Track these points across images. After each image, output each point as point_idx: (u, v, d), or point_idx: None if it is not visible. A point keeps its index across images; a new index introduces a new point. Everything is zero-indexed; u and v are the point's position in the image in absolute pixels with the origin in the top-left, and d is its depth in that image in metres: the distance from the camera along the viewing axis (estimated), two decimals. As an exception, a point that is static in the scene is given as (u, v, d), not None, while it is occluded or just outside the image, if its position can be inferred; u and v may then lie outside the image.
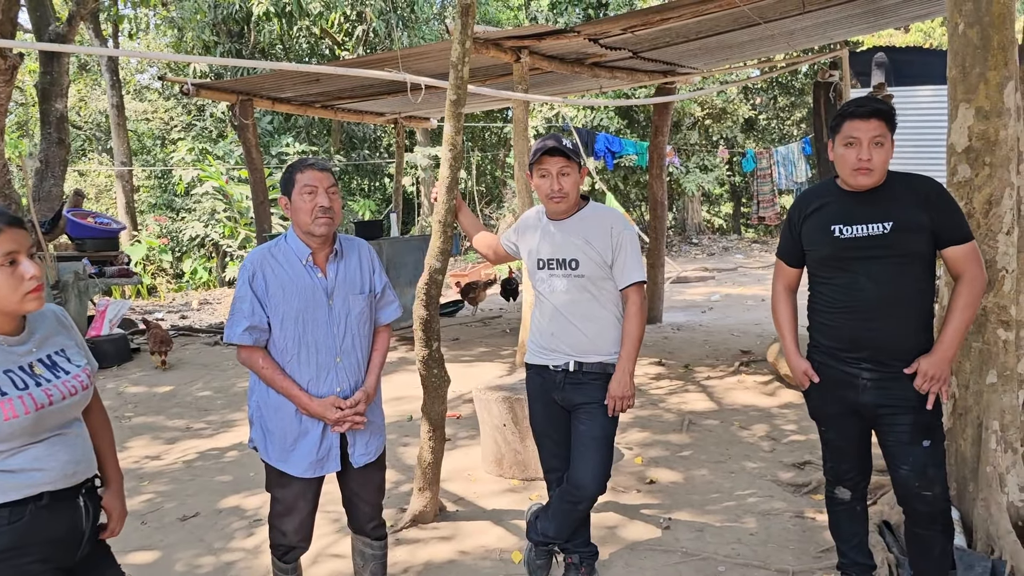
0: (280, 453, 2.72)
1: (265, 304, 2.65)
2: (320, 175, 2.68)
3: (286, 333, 2.66)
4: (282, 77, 7.84)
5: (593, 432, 3.05)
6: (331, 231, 2.71)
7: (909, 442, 2.68)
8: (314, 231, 2.67)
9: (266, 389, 2.72)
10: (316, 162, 2.73)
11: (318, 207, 2.65)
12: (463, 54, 3.33)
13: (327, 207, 2.66)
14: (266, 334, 2.67)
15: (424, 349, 3.71)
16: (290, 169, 2.72)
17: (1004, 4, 3.37)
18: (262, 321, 2.65)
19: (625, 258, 3.01)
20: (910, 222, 2.62)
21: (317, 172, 2.68)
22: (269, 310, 2.65)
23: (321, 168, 2.70)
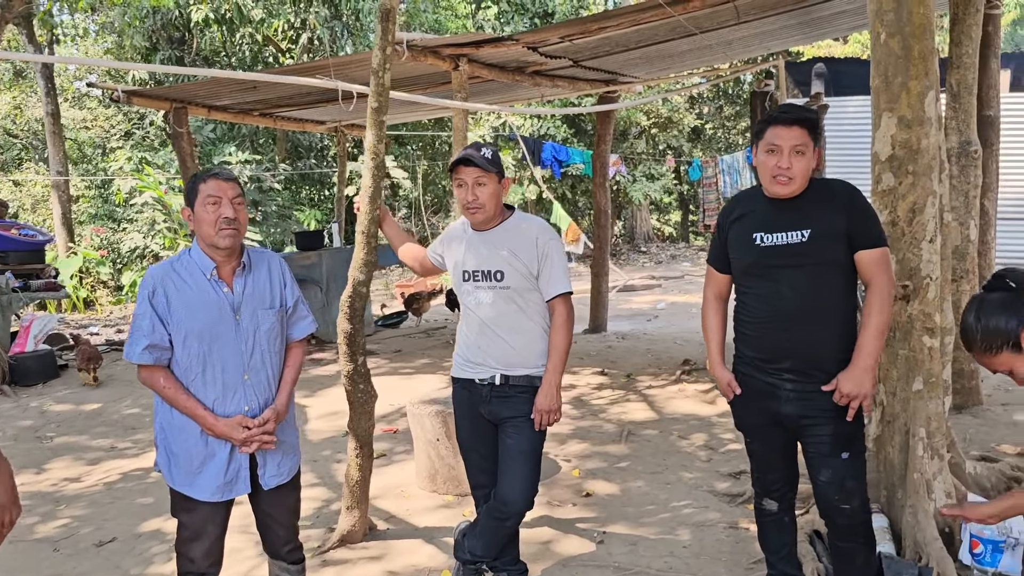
0: (185, 476, 2.60)
1: (166, 321, 2.53)
2: (224, 185, 2.57)
3: (190, 351, 2.54)
4: (218, 84, 7.66)
5: (520, 446, 2.98)
6: (236, 243, 2.60)
7: (828, 453, 2.66)
8: (218, 243, 2.56)
9: (169, 410, 2.60)
10: (220, 172, 2.63)
11: (222, 218, 2.54)
12: (384, 60, 3.25)
13: (232, 218, 2.55)
14: (168, 352, 2.55)
15: (349, 364, 3.60)
16: (193, 179, 2.61)
17: (924, 15, 3.40)
18: (163, 339, 2.53)
19: (551, 269, 2.96)
20: (828, 229, 2.60)
21: (221, 182, 2.58)
22: (171, 327, 2.54)
23: (226, 178, 2.60)
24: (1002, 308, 1.98)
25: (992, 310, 2.00)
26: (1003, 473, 4.12)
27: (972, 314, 2.03)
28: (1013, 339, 1.95)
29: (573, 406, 6.17)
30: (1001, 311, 1.98)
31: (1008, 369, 2.01)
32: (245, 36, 15.70)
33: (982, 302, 2.03)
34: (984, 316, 2.01)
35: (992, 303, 2.01)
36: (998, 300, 2.00)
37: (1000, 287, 2.02)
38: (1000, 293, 2.02)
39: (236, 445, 2.59)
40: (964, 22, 5.14)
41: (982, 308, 2.02)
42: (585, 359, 7.81)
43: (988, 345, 2.00)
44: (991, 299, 2.02)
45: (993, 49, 6.56)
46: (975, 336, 2.02)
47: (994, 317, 1.98)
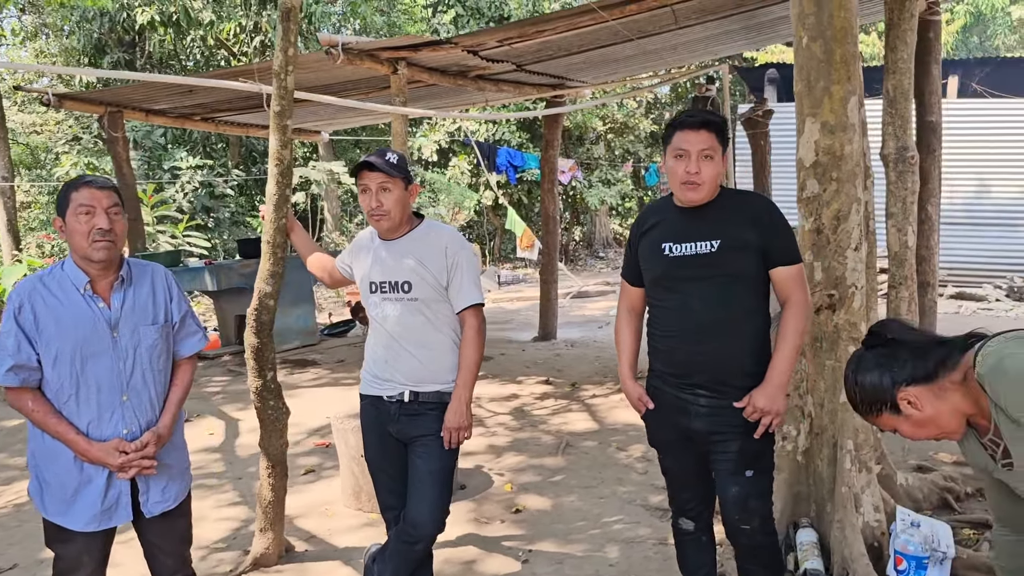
0: (59, 505, 2.42)
1: (34, 340, 2.36)
2: (99, 194, 2.40)
3: (61, 371, 2.37)
4: (153, 88, 7.44)
5: (430, 466, 2.84)
6: (112, 256, 2.43)
7: (733, 471, 2.56)
8: (91, 256, 2.39)
9: (40, 435, 2.42)
10: (95, 179, 2.45)
11: (95, 229, 2.37)
12: (286, 62, 3.09)
13: (106, 229, 2.38)
14: (36, 373, 2.37)
15: (257, 379, 3.44)
16: (66, 187, 2.44)
17: (845, 19, 3.33)
18: (30, 359, 2.35)
19: (461, 279, 2.83)
20: (737, 240, 2.51)
21: (95, 190, 2.40)
22: (40, 346, 2.36)
23: (100, 186, 2.42)
24: (877, 366, 1.86)
25: (867, 368, 1.87)
26: (935, 484, 4.07)
27: (850, 373, 1.91)
28: (891, 400, 1.84)
29: (513, 417, 6.05)
30: (876, 369, 1.85)
31: (889, 428, 1.89)
32: (196, 39, 15.39)
33: (859, 360, 1.90)
34: (860, 375, 1.88)
35: (868, 361, 1.88)
36: (874, 357, 1.88)
37: (877, 343, 1.89)
38: (877, 349, 1.89)
39: (114, 471, 2.42)
40: (899, 27, 5.11)
41: (859, 367, 1.89)
42: (531, 367, 7.69)
43: (868, 407, 1.88)
44: (867, 356, 1.89)
45: (934, 55, 6.57)
46: (855, 397, 1.90)
47: (870, 375, 1.86)
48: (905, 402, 1.84)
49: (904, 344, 1.89)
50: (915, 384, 1.84)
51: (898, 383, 1.84)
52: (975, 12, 17.65)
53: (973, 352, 1.82)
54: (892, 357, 1.86)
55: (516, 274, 16.00)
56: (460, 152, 17.30)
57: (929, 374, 1.84)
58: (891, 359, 1.86)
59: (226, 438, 5.82)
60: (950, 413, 1.85)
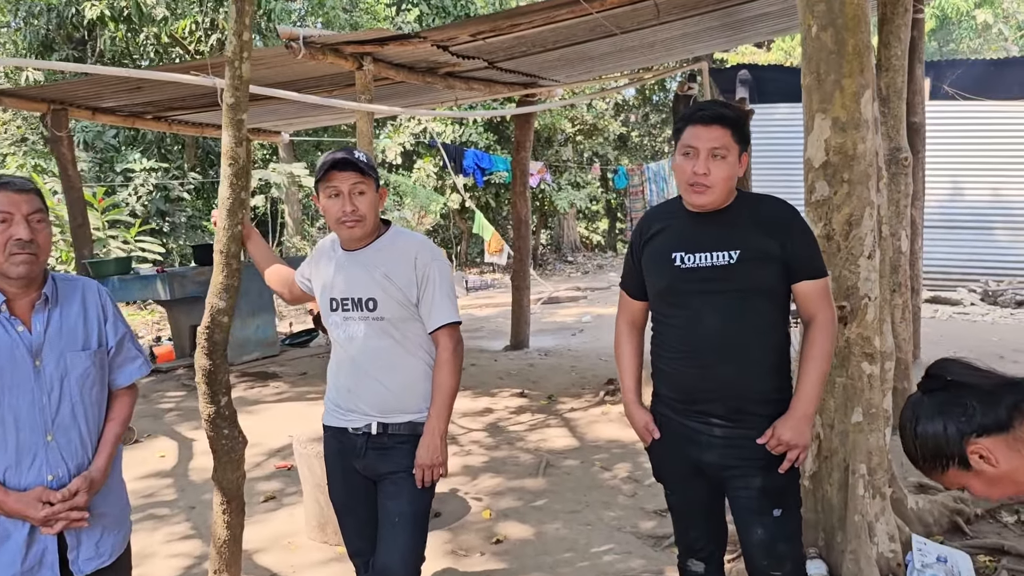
0: None
1: None
2: (17, 198, 2.01)
3: None
4: (99, 84, 6.96)
5: (401, 508, 2.49)
6: (34, 271, 2.04)
7: (757, 510, 2.26)
8: (8, 272, 2.00)
9: None
10: (13, 181, 2.05)
11: (13, 241, 1.98)
12: (240, 48, 2.72)
13: (27, 240, 2.00)
14: None
15: (210, 405, 3.04)
16: None
17: (858, 5, 3.05)
18: None
19: (433, 295, 2.47)
20: (758, 251, 2.20)
21: (12, 194, 2.01)
22: None
23: (19, 189, 2.03)
24: (939, 413, 1.55)
25: (928, 416, 1.57)
26: (945, 506, 3.81)
27: (907, 423, 1.61)
28: (959, 454, 1.53)
29: (489, 434, 5.70)
30: (938, 417, 1.55)
31: (958, 486, 1.59)
32: (150, 36, 14.81)
33: (917, 407, 1.60)
34: (921, 425, 1.57)
35: (927, 408, 1.58)
36: (934, 404, 1.57)
37: (936, 386, 1.58)
38: (937, 394, 1.58)
39: (37, 525, 2.03)
40: (893, 22, 4.87)
41: (917, 415, 1.59)
42: (505, 379, 7.35)
43: (931, 462, 1.57)
44: (926, 403, 1.58)
45: (918, 55, 6.38)
46: (914, 451, 1.60)
47: (931, 425, 1.55)
48: (976, 456, 1.53)
49: (969, 387, 1.56)
50: (987, 435, 1.52)
51: (967, 434, 1.53)
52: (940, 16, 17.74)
53: None
54: (957, 403, 1.55)
55: (484, 279, 15.65)
56: (426, 154, 16.91)
57: (1002, 423, 1.53)
58: (956, 405, 1.55)
59: (179, 461, 5.39)
60: (1012, 474, 1.53)
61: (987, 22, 17.25)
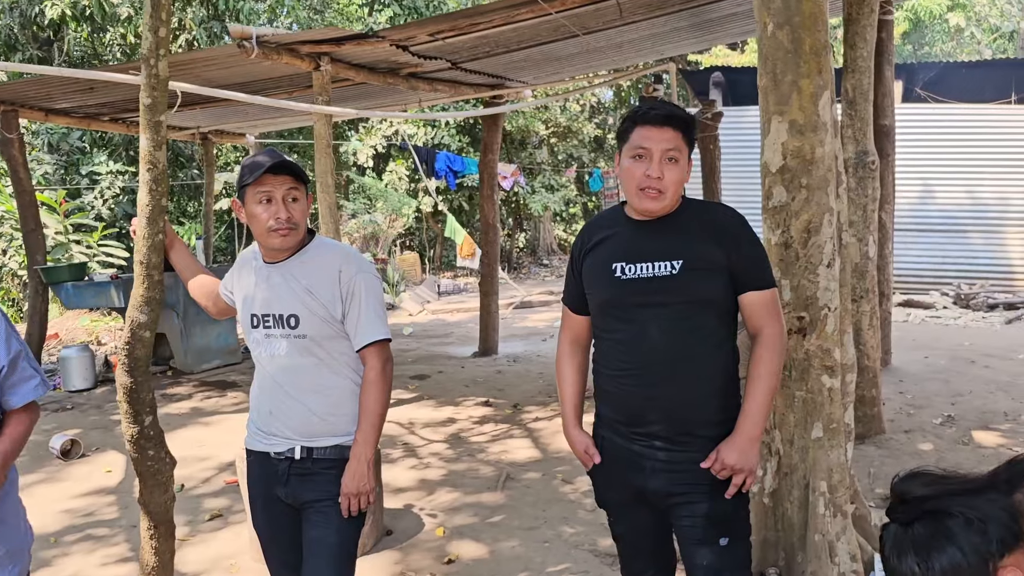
0: None
1: None
2: None
3: None
4: (47, 84, 6.74)
5: (326, 539, 2.32)
6: None
7: (703, 539, 2.11)
8: None
9: None
10: None
11: None
12: (156, 45, 2.54)
13: None
14: None
15: (133, 425, 2.87)
16: None
17: (816, 2, 2.92)
18: None
19: (359, 310, 2.31)
20: (703, 261, 2.06)
21: None
22: None
23: None
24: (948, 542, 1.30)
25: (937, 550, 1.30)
26: (911, 521, 3.69)
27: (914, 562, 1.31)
28: None
29: (449, 445, 5.53)
30: (949, 547, 1.29)
31: None
32: (116, 37, 14.51)
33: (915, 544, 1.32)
34: (936, 562, 1.29)
35: (929, 540, 1.31)
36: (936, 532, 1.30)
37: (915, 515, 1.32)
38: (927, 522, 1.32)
39: None
40: (859, 23, 4.77)
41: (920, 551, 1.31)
42: (471, 387, 7.18)
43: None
44: (923, 534, 1.32)
45: (887, 56, 6.30)
46: None
47: (944, 558, 1.30)
48: None
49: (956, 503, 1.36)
50: (1009, 551, 1.28)
51: (989, 555, 1.29)
52: (913, 19, 17.79)
53: None
54: (961, 525, 1.30)
55: (457, 283, 15.47)
56: (397, 157, 16.70)
57: (1016, 532, 1.29)
58: (961, 528, 1.30)
59: (125, 476, 5.17)
60: None
61: (959, 25, 17.34)
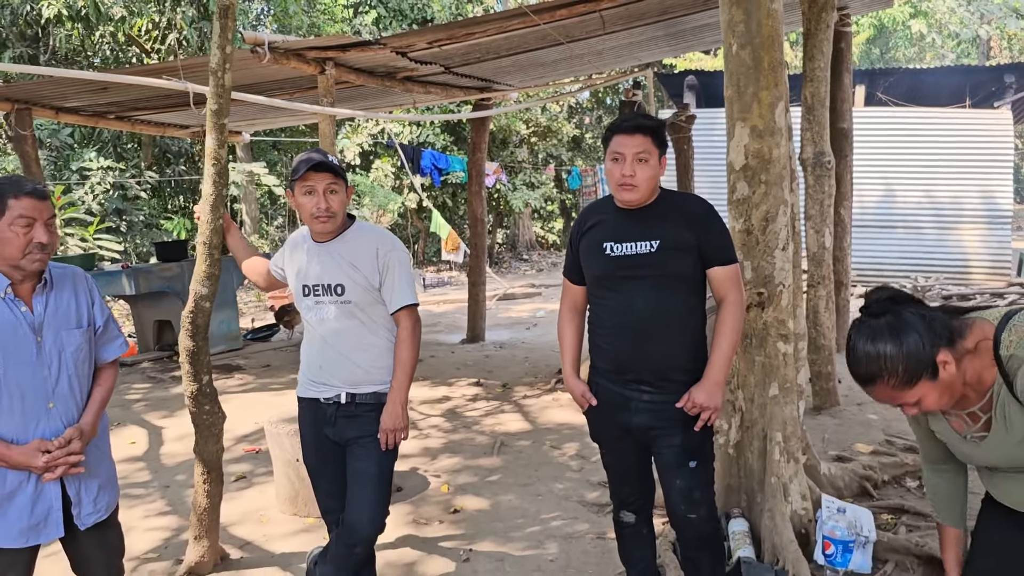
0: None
1: None
2: (40, 205, 2.29)
3: None
4: (64, 84, 7.12)
5: (368, 469, 2.83)
6: (43, 267, 2.35)
7: (676, 463, 2.64)
8: (25, 267, 2.29)
9: None
10: (36, 188, 2.32)
11: (34, 243, 2.27)
12: (223, 60, 3.04)
13: (45, 244, 2.29)
14: None
15: (193, 383, 3.36)
16: (0, 192, 2.29)
17: (772, 27, 3.47)
18: None
19: (393, 280, 2.82)
20: (676, 241, 2.59)
21: (36, 201, 2.28)
22: None
23: (41, 196, 2.31)
24: (912, 328, 1.75)
25: (905, 332, 1.75)
26: (855, 472, 4.26)
27: (885, 346, 1.77)
28: (932, 363, 1.74)
29: (446, 419, 6.05)
30: (914, 332, 1.75)
31: (916, 399, 1.80)
32: (105, 35, 14.82)
33: (889, 329, 1.78)
34: (903, 342, 1.75)
35: (898, 327, 1.76)
36: (903, 323, 1.77)
37: (884, 311, 1.80)
38: (896, 316, 1.79)
39: (39, 476, 2.31)
40: (816, 36, 5.34)
41: (894, 334, 1.76)
42: (462, 369, 7.70)
43: (910, 376, 1.76)
44: (894, 324, 1.77)
45: (846, 65, 6.89)
46: (896, 366, 1.75)
47: (911, 339, 1.74)
48: (943, 364, 1.75)
49: (914, 307, 1.81)
50: (947, 347, 1.76)
51: (937, 345, 1.74)
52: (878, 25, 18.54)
53: (993, 325, 1.80)
54: (921, 320, 1.77)
55: (441, 277, 15.97)
56: (383, 154, 17.16)
57: (951, 337, 1.78)
58: (920, 321, 1.77)
59: (150, 447, 5.64)
60: (959, 379, 1.81)
61: (922, 32, 18.13)
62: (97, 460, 2.47)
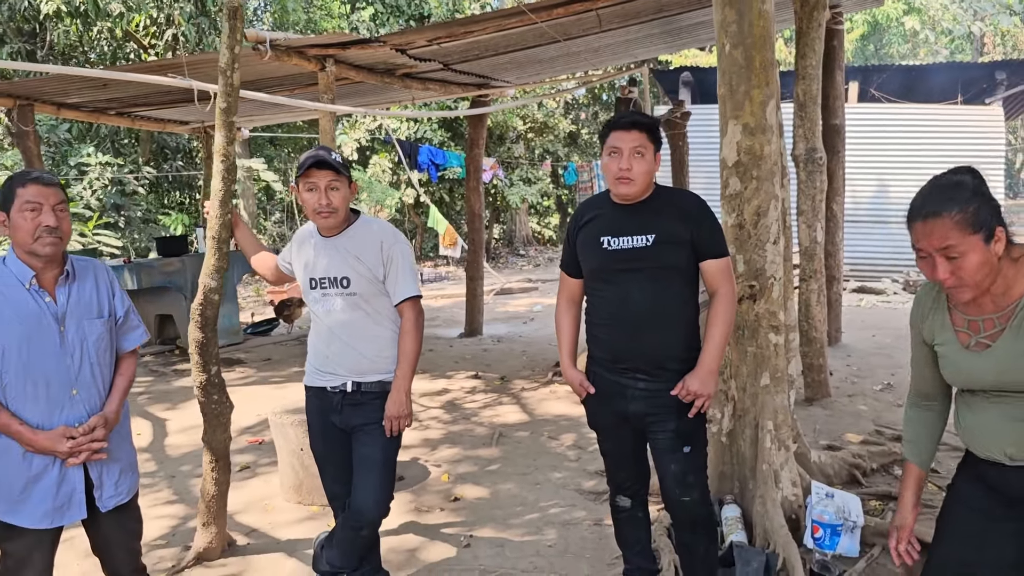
0: (7, 504, 2.39)
1: None
2: (46, 191, 2.40)
3: (7, 365, 2.35)
4: (66, 81, 7.20)
5: (373, 455, 2.94)
6: (58, 252, 2.44)
7: (671, 448, 2.75)
8: (37, 251, 2.39)
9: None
10: (41, 176, 2.44)
11: (42, 227, 2.37)
12: (232, 60, 3.14)
13: (53, 227, 2.39)
14: None
15: (202, 374, 3.46)
16: (10, 182, 2.42)
17: (764, 27, 3.57)
18: None
19: (397, 273, 2.93)
20: (671, 235, 2.69)
21: (42, 187, 2.40)
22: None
23: (47, 183, 2.42)
24: (991, 197, 1.87)
25: (989, 193, 1.86)
26: (845, 461, 4.38)
27: (968, 182, 1.86)
28: (992, 226, 1.83)
29: (446, 410, 6.16)
30: (992, 200, 1.86)
31: (962, 252, 1.83)
32: (103, 31, 14.88)
33: (978, 183, 1.87)
34: (985, 193, 1.84)
35: (986, 189, 1.87)
36: (987, 190, 1.87)
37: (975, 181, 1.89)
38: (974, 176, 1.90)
39: (63, 460, 2.42)
40: (808, 35, 5.45)
41: (981, 187, 1.86)
42: (460, 362, 7.81)
43: (976, 221, 1.81)
44: (985, 187, 1.87)
45: (838, 62, 7.01)
46: (971, 203, 1.81)
47: (989, 197, 1.85)
48: (998, 238, 1.85)
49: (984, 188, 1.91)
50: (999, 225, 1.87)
51: (998, 220, 1.85)
52: (872, 22, 18.67)
53: None
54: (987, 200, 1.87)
55: (438, 272, 16.07)
56: (381, 150, 17.25)
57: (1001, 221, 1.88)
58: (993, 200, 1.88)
59: (154, 438, 5.74)
60: (996, 270, 1.89)
61: (915, 29, 18.26)
62: (119, 445, 2.57)
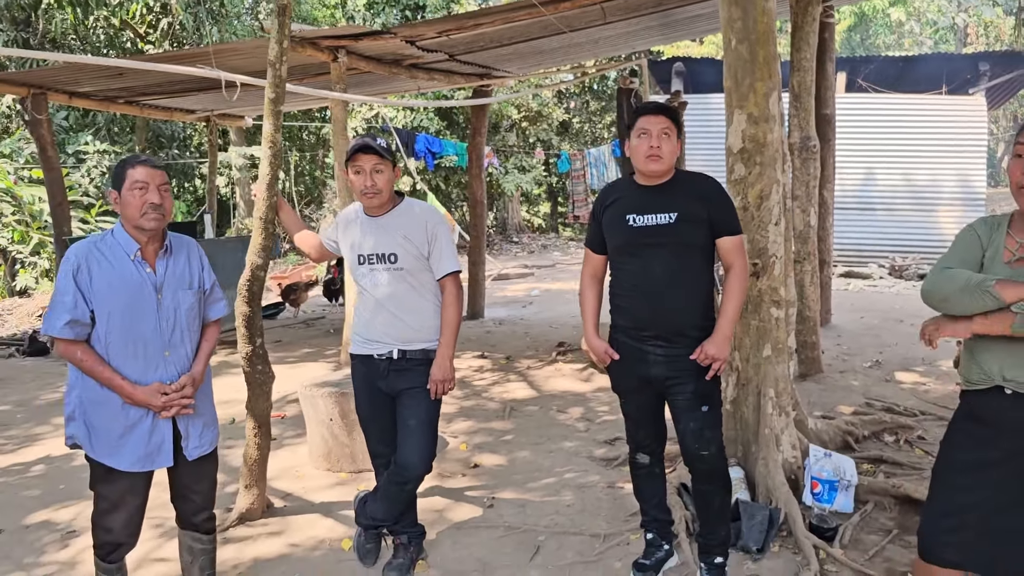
0: (106, 448, 2.70)
1: (89, 298, 2.64)
2: (153, 172, 2.71)
3: (111, 327, 2.66)
4: (79, 70, 7.40)
5: (419, 415, 3.21)
6: (160, 227, 2.74)
7: (690, 407, 3.04)
8: (143, 225, 2.68)
9: (89, 383, 2.69)
10: (149, 159, 2.76)
11: (148, 203, 2.67)
12: (281, 53, 3.39)
13: (157, 204, 2.69)
14: (88, 328, 2.65)
15: (248, 345, 3.72)
16: (122, 164, 2.73)
17: (767, 23, 3.86)
18: (84, 315, 2.63)
19: (440, 250, 3.20)
20: (691, 214, 2.97)
21: (149, 169, 2.71)
22: (93, 304, 2.64)
23: (154, 165, 2.74)
24: None
25: None
26: (839, 428, 4.70)
27: None
28: None
29: (457, 387, 6.43)
30: None
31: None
32: (99, 19, 14.97)
33: None
34: None
35: None
36: None
37: None
38: None
39: (156, 412, 2.70)
40: (803, 29, 5.75)
41: None
42: (466, 343, 8.09)
43: None
44: None
45: (829, 54, 7.31)
46: None
47: None
48: None
49: None
50: None
51: None
52: (859, 13, 19.01)
53: None
54: None
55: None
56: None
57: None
58: None
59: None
60: None
61: (901, 20, 18.62)
62: (203, 402, 2.86)
